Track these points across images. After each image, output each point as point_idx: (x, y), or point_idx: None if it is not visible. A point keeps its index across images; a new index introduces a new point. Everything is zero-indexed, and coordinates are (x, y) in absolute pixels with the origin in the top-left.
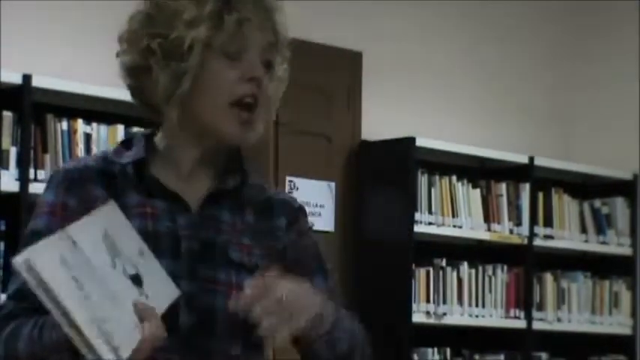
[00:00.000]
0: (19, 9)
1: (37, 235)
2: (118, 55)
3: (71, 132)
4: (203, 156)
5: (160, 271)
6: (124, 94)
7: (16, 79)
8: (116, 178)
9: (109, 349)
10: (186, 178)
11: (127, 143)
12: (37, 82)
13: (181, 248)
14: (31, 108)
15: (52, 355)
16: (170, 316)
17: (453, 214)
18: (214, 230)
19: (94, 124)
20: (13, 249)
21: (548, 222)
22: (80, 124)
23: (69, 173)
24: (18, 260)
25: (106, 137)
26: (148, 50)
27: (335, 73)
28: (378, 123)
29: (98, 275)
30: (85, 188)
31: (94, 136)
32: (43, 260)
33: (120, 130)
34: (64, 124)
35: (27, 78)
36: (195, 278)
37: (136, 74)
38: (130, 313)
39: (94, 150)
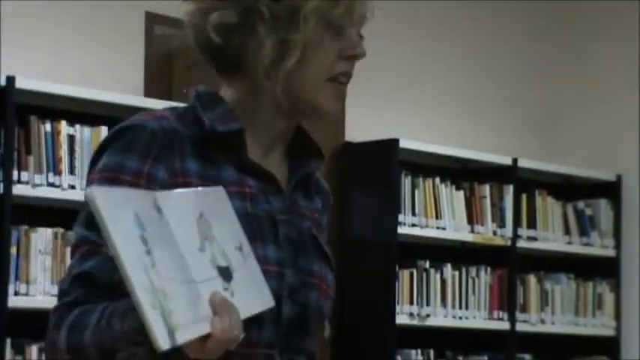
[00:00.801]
0: (2, 10)
1: None
2: (207, 10)
3: (55, 134)
4: (285, 132)
5: (258, 275)
6: (107, 96)
7: None
8: (207, 146)
9: (163, 326)
10: (263, 154)
11: (201, 100)
12: (20, 83)
13: (279, 235)
14: (15, 109)
15: (122, 348)
16: (272, 309)
17: (436, 215)
18: (300, 216)
19: (78, 126)
20: None
21: (531, 223)
22: (64, 126)
23: (156, 136)
24: (88, 193)
25: (89, 139)
26: (253, 10)
27: None
28: (362, 124)
29: (176, 251)
30: (175, 158)
31: (78, 137)
32: (113, 204)
33: (103, 132)
34: (48, 126)
35: (10, 79)
36: (296, 269)
37: (229, 33)
38: (205, 303)
39: (78, 152)
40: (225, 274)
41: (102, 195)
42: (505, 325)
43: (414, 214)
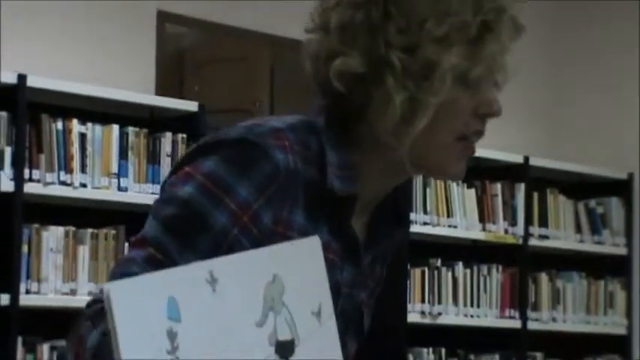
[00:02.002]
0: (15, 8)
1: (205, 228)
2: (330, 51)
3: (66, 132)
4: (387, 191)
5: (333, 343)
6: (119, 94)
7: (11, 78)
8: (320, 200)
9: None
10: (356, 215)
11: (330, 139)
12: (32, 81)
13: (337, 309)
14: (26, 108)
15: None
16: None
17: (447, 214)
18: (362, 286)
19: (89, 124)
20: (7, 249)
21: (543, 222)
22: (75, 124)
23: (278, 174)
24: (104, 288)
25: (100, 137)
26: (383, 61)
27: None
28: None
29: (222, 333)
30: (285, 205)
31: (89, 135)
32: (132, 299)
33: (115, 130)
34: (59, 124)
35: (22, 78)
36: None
37: (353, 82)
38: None
39: (89, 150)
40: (285, 349)
41: (120, 290)
42: (516, 324)
43: (425, 212)
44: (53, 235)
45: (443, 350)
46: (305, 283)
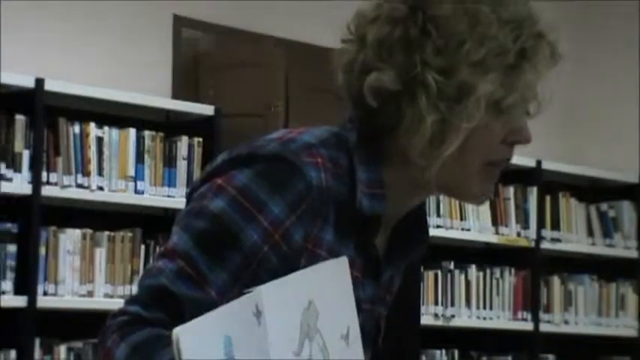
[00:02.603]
0: (31, 13)
1: (236, 245)
2: (365, 65)
3: (83, 135)
4: (401, 207)
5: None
6: (135, 98)
7: (28, 82)
8: (348, 218)
9: None
10: (380, 232)
11: (360, 156)
12: (49, 85)
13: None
14: (44, 111)
15: None
16: None
17: (460, 217)
18: (380, 302)
19: (106, 128)
20: (25, 251)
21: (555, 225)
22: (92, 128)
23: (310, 192)
24: (174, 332)
25: (117, 141)
26: (418, 80)
27: None
28: None
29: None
30: (317, 223)
31: (106, 139)
32: (196, 342)
33: (131, 134)
34: (76, 128)
35: (39, 82)
36: None
37: (386, 98)
38: None
39: (106, 154)
40: None
41: (187, 334)
42: (529, 326)
43: (438, 215)
44: (70, 238)
45: (456, 352)
46: (335, 307)
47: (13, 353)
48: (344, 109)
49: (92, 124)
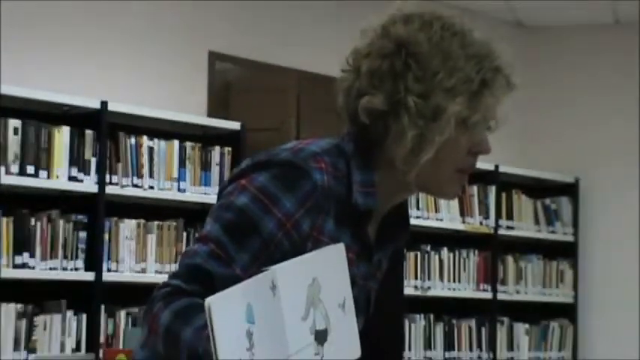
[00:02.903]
0: (95, 48)
1: (257, 232)
2: (360, 91)
3: (138, 146)
4: (387, 202)
5: (353, 328)
6: (179, 116)
7: (95, 104)
8: (345, 211)
9: None
10: (371, 222)
11: (362, 157)
12: (111, 107)
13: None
14: (107, 127)
15: None
16: None
17: (435, 210)
18: (372, 279)
19: (156, 140)
20: (93, 237)
21: (509, 216)
22: (145, 140)
23: (316, 192)
24: (206, 302)
25: (164, 150)
26: (402, 103)
27: None
28: None
29: (280, 328)
30: (320, 216)
31: (156, 149)
32: (224, 309)
33: (175, 144)
34: (133, 140)
35: (104, 104)
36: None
37: (376, 117)
38: None
39: (156, 160)
40: (321, 337)
41: (217, 303)
42: (489, 295)
43: (418, 208)
44: (128, 227)
45: (431, 316)
46: (334, 282)
47: (84, 317)
48: (343, 125)
49: (145, 137)
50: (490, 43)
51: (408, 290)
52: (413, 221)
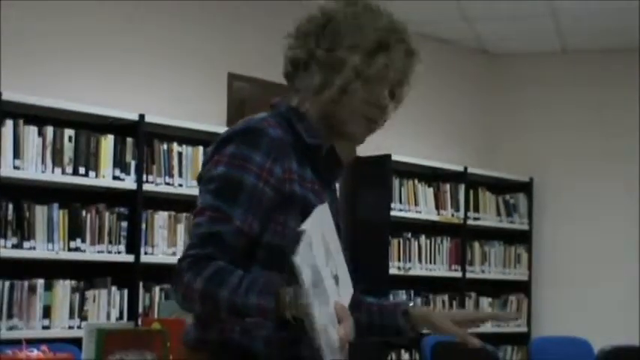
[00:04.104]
0: (136, 70)
1: (242, 187)
2: (288, 47)
3: (169, 151)
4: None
5: (345, 268)
6: (203, 127)
7: (134, 116)
8: (302, 153)
9: (330, 354)
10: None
11: (300, 113)
12: (148, 119)
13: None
14: (144, 135)
15: (253, 316)
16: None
17: (415, 203)
18: (335, 207)
19: (184, 146)
20: (132, 226)
21: (476, 209)
22: (175, 146)
23: (275, 142)
24: (293, 258)
25: (192, 154)
26: (313, 54)
27: None
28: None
29: (320, 276)
30: (286, 160)
31: (184, 153)
32: (307, 261)
33: (200, 150)
34: (165, 146)
35: (142, 116)
36: None
37: (296, 65)
38: (333, 313)
39: (184, 163)
40: (336, 280)
41: (300, 258)
42: (459, 274)
43: (401, 202)
44: (161, 217)
45: (412, 291)
46: (330, 234)
47: (126, 292)
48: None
49: (175, 144)
50: (398, 21)
51: (393, 270)
52: (397, 213)
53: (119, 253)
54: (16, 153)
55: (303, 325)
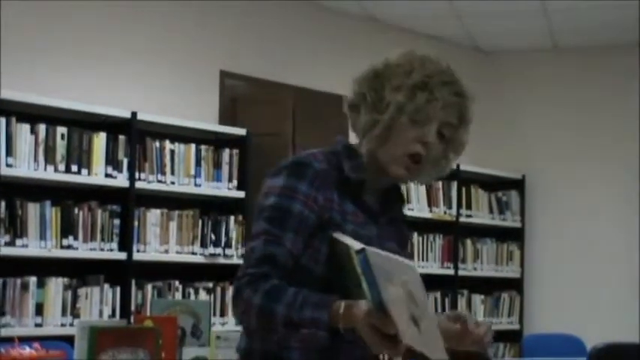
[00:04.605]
0: (130, 69)
1: (290, 214)
2: (350, 93)
3: (162, 148)
4: (380, 181)
5: (438, 335)
6: (195, 124)
7: (126, 114)
8: (343, 186)
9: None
10: (370, 193)
11: (351, 151)
12: (140, 116)
13: None
14: (137, 133)
15: (308, 328)
16: None
17: (407, 200)
18: (387, 238)
19: (176, 143)
20: (125, 223)
21: (468, 206)
22: (167, 143)
23: (318, 173)
24: (358, 247)
25: (183, 151)
26: (364, 96)
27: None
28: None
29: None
30: (327, 190)
31: (176, 151)
32: (375, 260)
33: (192, 147)
34: (157, 143)
35: (134, 114)
36: None
37: (352, 108)
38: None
39: (176, 161)
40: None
41: (373, 256)
42: (451, 272)
43: None
44: (154, 215)
45: None
46: (417, 287)
47: (118, 289)
48: (330, 131)
49: (167, 141)
50: (450, 69)
51: None
52: None
53: (111, 250)
54: (9, 150)
55: (354, 334)
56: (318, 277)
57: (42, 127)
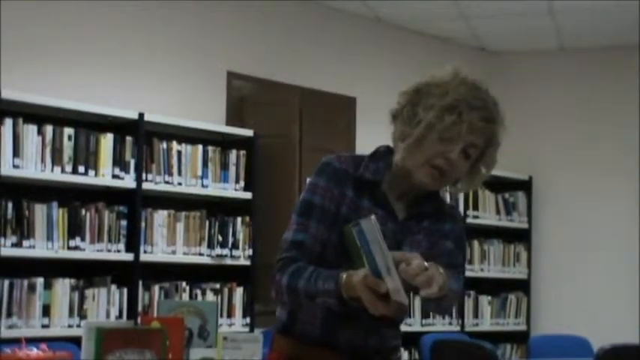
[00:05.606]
0: (136, 70)
1: (313, 206)
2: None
3: (169, 149)
4: (404, 187)
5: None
6: (202, 125)
7: (133, 115)
8: (361, 185)
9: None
10: (396, 198)
11: (377, 155)
12: (147, 117)
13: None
14: (144, 134)
15: (321, 296)
16: None
17: None
18: (406, 233)
19: (183, 144)
20: (132, 224)
21: (475, 207)
22: (174, 144)
23: (336, 171)
24: (364, 221)
25: (191, 152)
26: (402, 109)
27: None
28: (364, 142)
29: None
30: (343, 187)
31: (183, 152)
32: (368, 229)
33: (199, 148)
34: (164, 144)
35: (141, 115)
36: None
37: (393, 117)
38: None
39: (183, 161)
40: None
41: (368, 227)
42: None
43: None
44: (161, 216)
45: (411, 291)
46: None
47: (125, 290)
48: (336, 132)
49: (174, 142)
50: (486, 94)
51: None
52: None
53: (118, 251)
54: (16, 152)
55: (360, 302)
56: (330, 262)
57: (49, 128)
